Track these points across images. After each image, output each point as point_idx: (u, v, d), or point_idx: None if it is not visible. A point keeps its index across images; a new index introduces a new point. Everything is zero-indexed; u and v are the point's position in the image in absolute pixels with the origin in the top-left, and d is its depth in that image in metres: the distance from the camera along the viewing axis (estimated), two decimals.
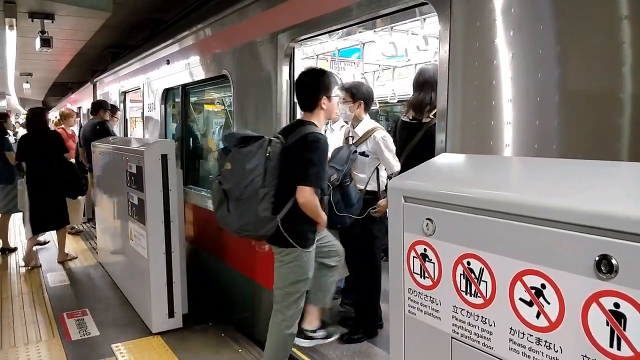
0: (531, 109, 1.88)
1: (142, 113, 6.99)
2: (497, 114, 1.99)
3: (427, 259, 1.67)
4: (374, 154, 3.76)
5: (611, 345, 1.21)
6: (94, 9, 6.52)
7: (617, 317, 1.19)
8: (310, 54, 5.26)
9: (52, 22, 7.01)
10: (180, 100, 5.73)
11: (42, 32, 7.11)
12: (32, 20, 6.89)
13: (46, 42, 7.12)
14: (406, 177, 1.83)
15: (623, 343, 1.18)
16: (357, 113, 3.83)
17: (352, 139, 3.88)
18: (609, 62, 1.67)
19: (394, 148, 3.82)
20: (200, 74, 5.04)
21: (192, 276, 4.66)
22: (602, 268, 1.20)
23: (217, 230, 4.60)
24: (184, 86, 5.57)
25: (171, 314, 4.16)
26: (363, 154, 3.76)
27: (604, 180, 1.46)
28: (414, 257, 1.72)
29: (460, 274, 1.56)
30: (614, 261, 1.18)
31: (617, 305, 1.19)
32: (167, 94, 6.12)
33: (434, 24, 3.78)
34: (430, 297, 1.68)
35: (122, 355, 3.74)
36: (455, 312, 1.60)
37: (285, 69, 3.58)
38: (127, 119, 8.52)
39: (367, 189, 3.80)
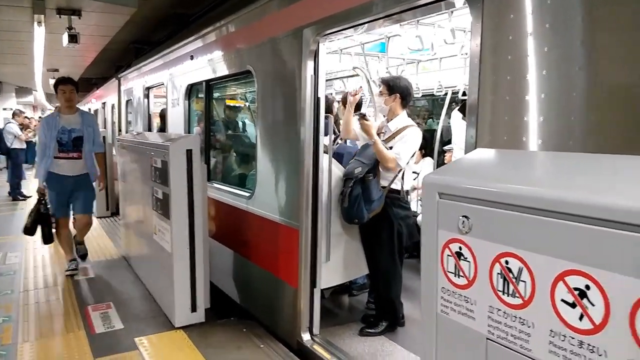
0: (567, 104, 1.81)
1: (166, 108, 7.03)
2: (531, 110, 1.92)
3: (462, 258, 1.62)
4: None
5: None
6: (119, 4, 6.60)
7: None
8: (334, 48, 5.23)
9: (79, 18, 7.13)
10: (204, 95, 5.73)
11: (70, 28, 7.23)
12: (60, 17, 7.01)
13: (73, 38, 7.25)
14: (441, 172, 1.78)
15: None
16: (393, 107, 3.81)
17: (384, 135, 3.84)
18: None
19: (416, 146, 3.79)
20: (224, 70, 5.03)
21: (213, 270, 4.67)
22: None
23: (238, 226, 4.60)
24: (207, 82, 5.58)
25: (194, 309, 4.16)
26: (392, 149, 3.71)
27: None
28: (448, 255, 1.67)
29: (498, 273, 1.51)
30: None
31: None
32: (191, 89, 6.13)
33: (461, 17, 3.74)
34: (465, 296, 1.63)
35: (146, 349, 3.76)
36: (492, 313, 1.55)
37: (310, 64, 3.54)
38: (150, 114, 8.59)
39: (391, 187, 3.76)
